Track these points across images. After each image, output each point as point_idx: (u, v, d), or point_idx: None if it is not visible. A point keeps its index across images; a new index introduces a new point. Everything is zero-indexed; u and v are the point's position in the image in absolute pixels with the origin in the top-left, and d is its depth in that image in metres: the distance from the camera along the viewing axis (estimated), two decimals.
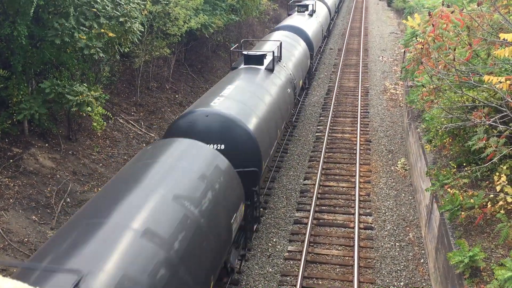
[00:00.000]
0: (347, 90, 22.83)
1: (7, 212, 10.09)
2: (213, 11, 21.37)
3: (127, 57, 17.98)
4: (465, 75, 8.22)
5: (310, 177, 14.49)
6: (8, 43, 11.18)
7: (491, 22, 8.17)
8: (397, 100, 21.26)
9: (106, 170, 13.48)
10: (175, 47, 19.82)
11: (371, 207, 12.86)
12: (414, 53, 9.75)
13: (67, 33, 11.05)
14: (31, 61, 11.65)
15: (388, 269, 10.42)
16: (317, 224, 12.07)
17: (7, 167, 11.14)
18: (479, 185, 8.97)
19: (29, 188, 11.07)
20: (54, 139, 13.07)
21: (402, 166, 15.06)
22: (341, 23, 41.47)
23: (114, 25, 12.30)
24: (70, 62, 12.44)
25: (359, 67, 26.61)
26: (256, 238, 11.49)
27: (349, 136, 17.49)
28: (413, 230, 11.81)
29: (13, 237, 9.67)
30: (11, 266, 8.28)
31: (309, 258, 10.73)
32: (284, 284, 9.95)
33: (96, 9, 11.82)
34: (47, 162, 12.17)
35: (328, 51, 30.92)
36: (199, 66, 23.36)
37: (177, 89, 20.28)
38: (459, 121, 8.90)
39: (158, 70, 19.72)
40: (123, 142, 15.26)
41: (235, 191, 8.42)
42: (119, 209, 5.92)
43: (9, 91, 11.40)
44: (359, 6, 50.23)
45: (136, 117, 17.01)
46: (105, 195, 6.52)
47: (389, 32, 36.44)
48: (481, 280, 7.01)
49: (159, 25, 17.36)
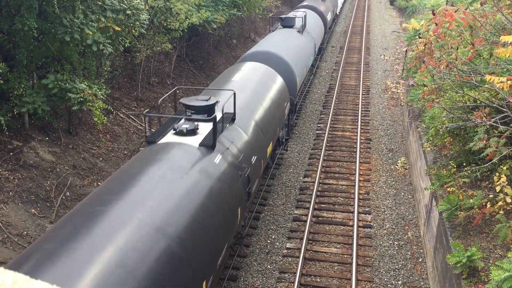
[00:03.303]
0: (348, 88, 22.81)
1: (6, 205, 10.10)
2: (216, 6, 21.32)
3: (128, 51, 17.96)
4: (467, 75, 8.21)
5: (310, 175, 14.49)
6: (10, 36, 11.16)
7: (494, 22, 8.15)
8: (398, 99, 21.24)
9: (106, 164, 13.48)
10: (176, 42, 19.80)
11: (370, 206, 12.87)
12: (417, 52, 9.73)
13: (76, 29, 11.01)
14: (33, 55, 11.64)
15: (386, 267, 10.44)
16: (316, 221, 12.09)
17: (7, 160, 11.15)
18: (479, 185, 8.97)
19: (29, 181, 11.07)
20: (54, 132, 13.06)
21: (402, 165, 15.07)
22: (343, 21, 41.39)
23: (121, 19, 12.28)
24: (73, 56, 12.43)
25: (360, 65, 26.58)
26: (255, 235, 11.51)
27: (350, 134, 17.48)
28: (411, 229, 11.82)
29: (13, 230, 9.69)
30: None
31: (308, 256, 10.74)
32: (282, 281, 9.97)
33: (102, 2, 11.79)
34: (47, 155, 12.17)
35: (330, 49, 30.87)
36: (201, 62, 23.33)
37: (178, 85, 20.26)
38: (460, 121, 8.89)
39: (159, 65, 19.69)
40: (123, 137, 15.26)
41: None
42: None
43: (10, 84, 11.39)
44: (362, 5, 50.15)
45: (136, 112, 17.00)
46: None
47: (391, 31, 36.38)
48: (479, 280, 7.02)
49: (161, 20, 17.33)
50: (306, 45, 19.05)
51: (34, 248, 5.30)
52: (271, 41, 16.83)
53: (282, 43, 16.65)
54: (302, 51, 17.84)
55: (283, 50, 15.63)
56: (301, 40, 18.71)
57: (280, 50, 15.41)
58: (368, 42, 32.61)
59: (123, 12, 12.25)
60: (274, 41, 16.80)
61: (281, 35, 17.92)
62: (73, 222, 5.59)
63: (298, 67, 16.18)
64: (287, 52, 15.68)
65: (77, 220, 5.63)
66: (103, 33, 11.96)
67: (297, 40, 18.27)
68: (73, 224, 5.54)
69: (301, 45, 18.23)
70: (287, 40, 17.38)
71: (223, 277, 9.76)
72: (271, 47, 15.55)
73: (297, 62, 16.19)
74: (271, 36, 18.12)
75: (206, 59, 23.77)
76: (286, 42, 17.05)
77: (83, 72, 13.40)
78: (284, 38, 17.49)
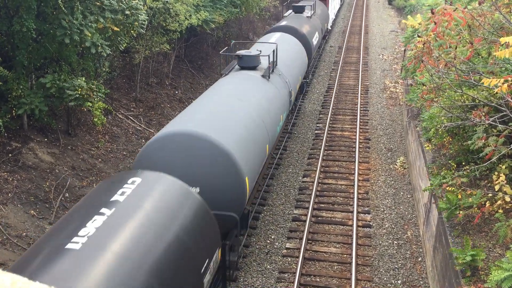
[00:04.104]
0: (347, 88, 22.82)
1: (5, 206, 10.09)
2: (214, 5, 21.31)
3: (127, 52, 17.95)
4: (466, 74, 8.21)
5: (309, 175, 14.49)
6: (8, 37, 11.15)
7: (492, 21, 8.16)
8: (397, 98, 21.25)
9: (105, 165, 13.47)
10: (175, 43, 19.79)
11: (369, 205, 12.87)
12: (415, 51, 9.74)
13: (75, 31, 10.99)
14: (31, 56, 11.62)
15: (386, 267, 10.44)
16: (315, 221, 12.09)
17: (6, 161, 11.13)
18: (478, 184, 8.98)
19: (27, 182, 11.06)
20: (53, 133, 13.05)
21: (401, 164, 15.08)
22: (341, 20, 41.41)
23: (120, 19, 12.27)
24: (72, 57, 12.41)
25: (359, 65, 26.60)
26: (255, 235, 11.50)
27: (349, 134, 17.49)
28: (411, 229, 11.82)
29: (12, 231, 9.67)
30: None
31: (307, 255, 10.74)
32: (282, 281, 9.97)
33: (101, 2, 11.77)
34: (46, 156, 12.16)
35: (329, 49, 30.88)
36: (199, 62, 23.33)
37: (177, 85, 20.25)
38: (459, 120, 8.90)
39: (158, 66, 19.69)
40: (123, 138, 15.25)
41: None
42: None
43: (9, 85, 11.37)
44: (360, 4, 50.18)
45: (135, 112, 16.99)
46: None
47: (389, 30, 36.40)
48: (479, 279, 7.03)
49: (160, 21, 17.33)
50: (273, 101, 12.07)
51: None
52: (201, 112, 9.50)
53: (225, 113, 9.63)
54: (264, 116, 10.84)
55: (225, 132, 8.76)
56: (266, 93, 11.84)
57: (218, 132, 8.59)
58: (367, 42, 32.62)
59: (121, 12, 12.24)
60: (209, 111, 9.57)
61: (231, 91, 10.97)
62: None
63: (250, 158, 9.19)
64: (233, 139, 8.78)
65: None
66: (101, 34, 11.94)
67: (258, 96, 11.28)
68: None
69: (262, 106, 11.06)
70: (239, 102, 10.29)
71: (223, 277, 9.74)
72: (198, 126, 8.60)
73: (248, 151, 9.21)
74: (209, 96, 10.66)
75: (204, 59, 23.77)
76: (234, 108, 9.98)
77: (82, 73, 13.40)
78: (232, 101, 10.32)
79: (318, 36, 23.25)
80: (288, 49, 16.61)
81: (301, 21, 21.51)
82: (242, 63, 12.99)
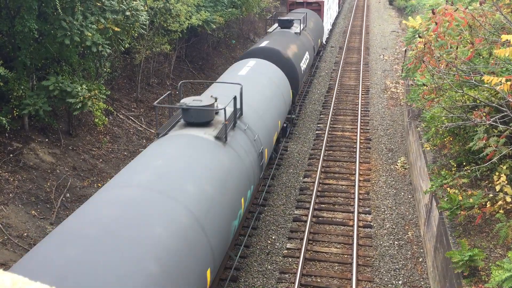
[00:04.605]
0: (347, 88, 22.81)
1: (6, 206, 10.10)
2: (215, 6, 21.32)
3: (128, 53, 17.96)
4: (467, 74, 8.21)
5: (310, 175, 14.49)
6: (9, 38, 11.16)
7: (493, 21, 8.16)
8: (397, 98, 21.24)
9: (106, 165, 13.48)
10: (176, 43, 19.80)
11: (370, 206, 12.86)
12: (416, 51, 9.74)
13: (76, 32, 11.00)
14: (32, 56, 11.64)
15: (387, 267, 10.44)
16: (316, 222, 12.08)
17: (7, 162, 11.14)
18: (479, 184, 8.97)
19: (29, 183, 11.07)
20: (54, 134, 13.06)
21: (401, 165, 15.07)
22: (342, 21, 41.40)
23: (120, 19, 12.27)
24: (72, 57, 12.42)
25: (360, 65, 26.59)
26: (255, 235, 11.50)
27: (349, 134, 17.48)
28: (412, 229, 11.82)
29: (13, 232, 9.68)
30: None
31: (308, 256, 10.74)
32: (282, 281, 9.97)
33: (101, 3, 11.78)
34: (47, 157, 12.17)
35: (329, 49, 30.87)
36: (200, 63, 23.34)
37: (178, 86, 20.26)
38: (460, 120, 8.89)
39: (158, 66, 19.70)
40: (123, 138, 15.26)
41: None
42: None
43: (10, 86, 11.39)
44: (361, 5, 50.16)
45: (136, 113, 17.01)
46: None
47: (390, 31, 36.39)
48: (479, 279, 7.02)
49: (160, 21, 17.34)
50: (230, 177, 8.22)
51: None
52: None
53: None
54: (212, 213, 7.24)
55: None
56: (219, 165, 8.05)
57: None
58: (368, 42, 32.61)
59: (122, 13, 12.25)
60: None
61: (161, 168, 7.12)
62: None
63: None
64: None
65: None
66: (102, 34, 11.95)
67: (205, 176, 7.42)
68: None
69: (211, 192, 7.28)
70: (168, 198, 6.60)
71: (224, 277, 9.76)
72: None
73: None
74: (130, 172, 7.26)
75: (205, 59, 23.78)
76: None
77: (83, 73, 13.41)
78: (154, 195, 6.55)
79: (308, 58, 19.36)
80: (264, 84, 12.66)
81: (287, 40, 17.60)
82: (188, 117, 8.95)
